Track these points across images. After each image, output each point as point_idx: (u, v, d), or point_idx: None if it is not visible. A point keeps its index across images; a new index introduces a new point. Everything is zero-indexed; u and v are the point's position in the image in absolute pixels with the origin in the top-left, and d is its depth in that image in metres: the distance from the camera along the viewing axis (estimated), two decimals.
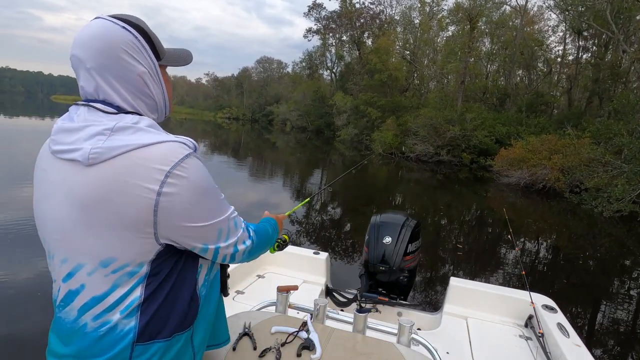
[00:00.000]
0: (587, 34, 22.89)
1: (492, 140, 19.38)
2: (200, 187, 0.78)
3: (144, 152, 0.73)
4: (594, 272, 6.35)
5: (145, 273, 0.78)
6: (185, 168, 0.75)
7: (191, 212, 0.77)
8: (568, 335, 2.12)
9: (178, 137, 0.80)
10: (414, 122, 21.90)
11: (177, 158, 0.75)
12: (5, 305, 3.46)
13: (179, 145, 0.77)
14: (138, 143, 0.74)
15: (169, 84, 0.91)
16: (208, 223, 0.81)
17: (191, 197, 0.76)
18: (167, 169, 0.73)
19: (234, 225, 0.88)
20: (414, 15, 34.58)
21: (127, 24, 0.79)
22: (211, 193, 0.81)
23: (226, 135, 31.80)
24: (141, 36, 0.81)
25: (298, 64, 50.59)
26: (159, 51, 0.85)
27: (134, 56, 0.79)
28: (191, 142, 0.80)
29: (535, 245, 7.67)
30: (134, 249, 0.76)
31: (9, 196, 7.15)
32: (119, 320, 0.77)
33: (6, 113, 35.08)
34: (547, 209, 11.73)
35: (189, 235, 0.79)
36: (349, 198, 10.95)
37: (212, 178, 0.83)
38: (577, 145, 13.68)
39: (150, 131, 0.78)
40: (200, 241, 0.82)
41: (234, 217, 0.88)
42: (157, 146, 0.75)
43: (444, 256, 6.36)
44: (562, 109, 24.56)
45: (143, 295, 0.78)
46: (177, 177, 0.74)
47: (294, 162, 18.47)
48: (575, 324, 2.35)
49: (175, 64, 0.91)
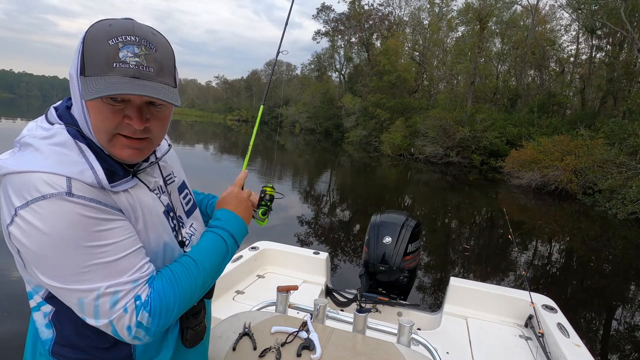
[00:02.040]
0: (601, 32, 22.43)
1: (502, 141, 19.14)
2: (51, 240, 0.62)
3: (11, 179, 0.65)
4: (602, 274, 6.22)
5: (46, 295, 0.72)
6: (35, 212, 0.62)
7: (39, 264, 0.65)
8: (568, 335, 2.10)
9: (59, 167, 0.65)
10: (423, 123, 21.77)
11: (31, 197, 0.62)
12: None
13: (44, 179, 0.63)
14: (11, 168, 0.65)
15: (93, 112, 0.69)
16: (60, 285, 0.65)
17: (37, 249, 0.63)
18: (17, 204, 0.63)
19: (110, 303, 0.66)
20: (423, 16, 34.49)
21: (92, 27, 0.69)
22: (69, 252, 0.63)
23: (235, 138, 32.07)
24: (81, 42, 0.68)
25: (307, 66, 50.86)
26: (86, 66, 0.67)
27: (76, 56, 0.69)
28: (64, 179, 0.64)
29: (547, 248, 7.54)
30: (23, 269, 0.71)
31: None
32: (41, 325, 0.75)
33: (23, 116, 36.03)
34: (559, 210, 11.52)
35: (46, 285, 0.67)
36: (357, 199, 10.93)
37: (92, 234, 0.64)
38: (590, 146, 13.42)
39: (41, 152, 0.66)
40: (62, 299, 0.68)
41: (109, 293, 0.65)
42: (22, 175, 0.64)
43: (444, 256, 6.33)
44: (575, 109, 24.09)
45: (52, 314, 0.73)
46: (23, 220, 0.62)
47: (302, 163, 18.52)
48: (575, 324, 2.32)
49: (81, 91, 0.67)
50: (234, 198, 0.93)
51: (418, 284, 4.59)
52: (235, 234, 0.87)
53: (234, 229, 0.87)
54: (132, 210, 0.73)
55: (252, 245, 3.00)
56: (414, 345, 1.45)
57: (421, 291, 4.53)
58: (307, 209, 8.70)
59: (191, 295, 0.76)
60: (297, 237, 6.28)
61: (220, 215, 0.89)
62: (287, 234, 6.25)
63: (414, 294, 3.26)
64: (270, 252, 2.99)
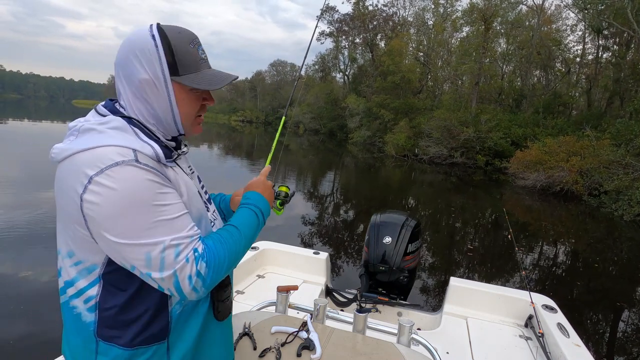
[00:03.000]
0: (608, 32, 22.21)
1: (507, 142, 19.02)
2: (124, 199, 0.71)
3: (80, 156, 0.73)
4: (607, 275, 6.17)
5: (99, 275, 0.79)
6: (109, 176, 0.71)
7: (111, 224, 0.72)
8: (568, 335, 2.09)
9: (125, 141, 0.76)
10: (427, 124, 21.67)
11: (105, 165, 0.71)
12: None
13: (115, 151, 0.73)
14: (80, 147, 0.74)
15: (186, 103, 0.85)
16: (129, 242, 0.72)
17: (111, 209, 0.71)
18: (91, 173, 0.71)
19: (174, 254, 0.74)
20: (428, 16, 34.36)
21: (159, 33, 0.80)
22: (139, 209, 0.72)
23: (240, 138, 32.17)
24: (162, 47, 0.80)
25: (311, 67, 50.83)
26: (180, 67, 0.81)
27: (142, 62, 0.80)
28: (130, 150, 0.74)
29: (550, 249, 7.49)
30: (83, 247, 0.77)
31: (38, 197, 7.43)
32: (83, 310, 0.81)
33: (30, 117, 36.42)
34: (564, 211, 11.43)
35: (112, 248, 0.74)
36: (360, 199, 10.92)
37: (157, 195, 0.74)
38: (596, 147, 13.29)
39: (105, 133, 0.76)
40: (127, 261, 0.74)
41: (173, 244, 0.74)
42: (92, 150, 0.73)
43: (444, 256, 6.32)
44: (581, 110, 23.87)
45: (99, 296, 0.79)
46: (98, 185, 0.71)
47: (306, 164, 18.53)
48: (576, 324, 2.31)
49: (196, 85, 0.83)
50: (262, 184, 1.06)
51: (418, 284, 4.58)
52: (264, 212, 1.00)
53: (262, 207, 1.00)
54: (177, 185, 0.83)
55: (252, 245, 2.99)
56: (414, 345, 1.45)
57: (421, 291, 4.53)
58: (310, 209, 8.71)
59: (236, 256, 0.86)
60: (299, 237, 6.30)
61: (250, 196, 1.01)
62: (288, 234, 6.27)
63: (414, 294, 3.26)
64: (270, 252, 2.99)
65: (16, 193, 7.64)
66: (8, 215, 6.07)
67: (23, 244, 5.01)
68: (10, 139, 17.40)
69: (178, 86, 0.83)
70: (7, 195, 7.36)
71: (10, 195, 7.40)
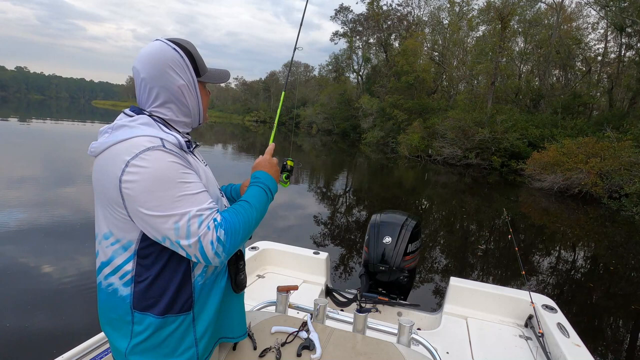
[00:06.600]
0: (631, 30, 21.45)
1: (524, 143, 18.58)
2: (155, 176, 0.85)
3: (118, 146, 0.89)
4: (627, 279, 5.95)
5: (134, 250, 0.92)
6: (143, 159, 0.86)
7: (145, 199, 0.85)
8: (568, 335, 2.07)
9: (153, 132, 0.91)
10: (441, 124, 21.40)
11: (139, 150, 0.86)
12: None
13: (146, 139, 0.89)
14: (117, 139, 0.90)
15: (205, 97, 1.07)
16: (161, 214, 0.85)
17: (145, 185, 0.85)
18: (128, 158, 0.86)
19: (197, 223, 0.87)
20: (443, 15, 33.93)
21: (178, 46, 0.98)
22: (168, 185, 0.86)
23: (253, 138, 32.43)
24: (187, 57, 0.99)
25: (325, 67, 50.89)
26: (200, 70, 1.03)
27: (177, 71, 0.97)
28: (158, 139, 0.90)
29: (560, 252, 7.29)
30: (120, 226, 0.91)
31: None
32: (119, 285, 0.94)
33: (53, 117, 37.64)
34: (582, 214, 11.10)
35: (147, 222, 0.87)
36: (373, 200, 10.86)
37: (181, 174, 0.88)
38: (617, 148, 12.86)
39: (137, 127, 0.91)
40: (159, 233, 0.87)
41: (197, 215, 0.87)
42: (128, 140, 0.89)
43: (445, 256, 6.25)
44: (602, 110, 23.12)
45: (134, 270, 0.93)
46: (134, 166, 0.85)
47: (318, 164, 18.55)
48: (576, 324, 2.26)
49: (214, 81, 1.07)
50: (267, 162, 1.18)
51: (418, 284, 4.55)
52: (272, 189, 1.12)
53: (270, 185, 1.12)
54: (197, 169, 0.97)
55: (252, 245, 3.00)
56: (414, 345, 1.44)
57: (421, 291, 4.49)
58: (312, 209, 8.71)
59: (249, 226, 0.98)
60: (299, 237, 6.30)
61: (258, 175, 1.13)
62: (288, 234, 6.30)
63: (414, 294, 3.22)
64: (270, 252, 2.99)
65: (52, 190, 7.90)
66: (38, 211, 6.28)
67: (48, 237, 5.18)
68: (41, 136, 18.06)
69: (200, 85, 1.04)
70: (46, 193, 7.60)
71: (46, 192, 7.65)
